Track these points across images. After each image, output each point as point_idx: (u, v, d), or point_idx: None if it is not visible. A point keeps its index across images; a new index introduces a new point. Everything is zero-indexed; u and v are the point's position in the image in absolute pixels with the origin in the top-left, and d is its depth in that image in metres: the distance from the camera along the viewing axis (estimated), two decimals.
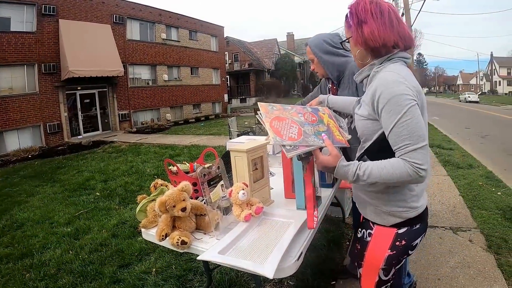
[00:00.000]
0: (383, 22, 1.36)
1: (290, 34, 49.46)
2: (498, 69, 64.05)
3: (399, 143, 1.28)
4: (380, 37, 1.36)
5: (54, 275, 3.39)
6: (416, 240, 1.50)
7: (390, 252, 1.49)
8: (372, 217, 1.55)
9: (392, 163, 1.28)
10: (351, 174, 1.34)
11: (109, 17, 17.69)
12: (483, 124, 15.87)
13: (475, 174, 6.17)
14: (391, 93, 1.29)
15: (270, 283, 2.97)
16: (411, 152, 1.25)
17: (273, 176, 2.46)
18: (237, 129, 9.96)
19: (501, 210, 4.31)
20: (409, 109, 1.26)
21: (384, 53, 1.41)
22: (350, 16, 1.44)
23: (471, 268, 3.06)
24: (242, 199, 1.64)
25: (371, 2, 1.39)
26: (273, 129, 1.37)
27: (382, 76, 1.36)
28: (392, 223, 1.47)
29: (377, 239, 1.54)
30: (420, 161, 1.24)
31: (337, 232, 3.89)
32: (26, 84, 14.08)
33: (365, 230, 1.63)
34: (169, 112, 22.08)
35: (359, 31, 1.40)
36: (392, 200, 1.44)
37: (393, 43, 1.38)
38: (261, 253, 1.41)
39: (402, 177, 1.25)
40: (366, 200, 1.56)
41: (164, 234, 1.57)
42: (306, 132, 1.43)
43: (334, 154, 1.38)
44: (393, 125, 1.28)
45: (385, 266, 1.53)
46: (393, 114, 1.28)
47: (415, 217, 1.46)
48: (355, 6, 1.42)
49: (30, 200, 6.28)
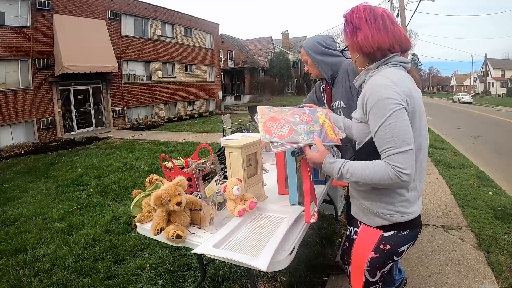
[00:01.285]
0: (377, 27, 1.40)
1: (285, 32, 49.40)
2: (492, 70, 64.43)
3: (382, 146, 1.31)
4: (374, 41, 1.39)
5: (48, 270, 3.39)
6: (402, 246, 1.49)
7: (373, 254, 1.49)
8: (360, 215, 1.57)
9: (374, 165, 1.31)
10: (335, 171, 1.40)
11: (104, 13, 17.57)
12: (476, 125, 16.00)
13: (467, 174, 6.24)
14: (377, 96, 1.32)
15: (263, 278, 2.99)
16: (393, 155, 1.27)
17: (267, 173, 2.49)
18: (231, 126, 9.96)
19: (492, 209, 4.36)
20: (394, 113, 1.28)
21: (380, 57, 1.43)
22: (346, 24, 1.48)
23: (461, 266, 3.10)
24: (236, 194, 1.67)
25: (365, 8, 1.44)
26: (265, 128, 1.47)
27: (372, 80, 1.39)
28: (378, 225, 1.48)
29: (362, 239, 1.56)
30: (402, 165, 1.25)
31: (330, 229, 3.93)
32: (20, 79, 13.96)
33: (352, 228, 1.68)
34: (163, 109, 22.02)
35: (354, 38, 1.44)
36: (380, 202, 1.45)
37: (388, 46, 1.40)
38: (254, 247, 1.44)
39: (383, 180, 1.28)
40: (356, 198, 1.58)
41: (159, 228, 1.59)
42: (298, 131, 1.50)
43: (322, 151, 1.46)
44: (378, 128, 1.31)
45: (368, 267, 1.53)
46: (378, 117, 1.31)
47: (403, 223, 1.45)
48: (350, 14, 1.47)
49: (24, 196, 6.25)
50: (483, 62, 68.83)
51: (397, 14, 19.42)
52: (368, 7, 1.44)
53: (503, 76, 62.91)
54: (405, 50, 1.47)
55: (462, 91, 66.92)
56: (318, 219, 1.73)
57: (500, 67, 63.87)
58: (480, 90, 68.18)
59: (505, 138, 11.53)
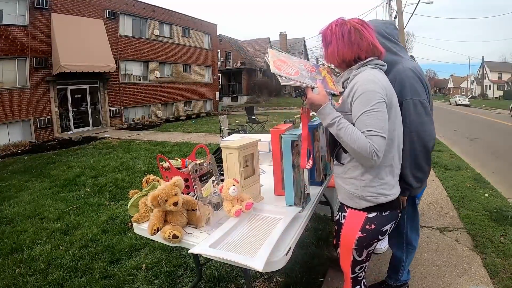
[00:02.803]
0: (343, 42, 1.63)
1: (283, 33, 49.36)
2: (489, 73, 64.66)
3: (363, 128, 1.49)
4: (339, 55, 1.65)
5: (44, 270, 3.38)
6: (385, 226, 1.71)
7: (360, 234, 1.69)
8: (346, 201, 1.75)
9: (361, 134, 1.49)
10: (330, 117, 1.57)
11: (102, 12, 17.57)
12: (473, 127, 16.05)
13: (463, 176, 6.26)
14: (364, 89, 1.53)
15: (259, 279, 3.00)
16: (373, 136, 1.47)
17: (264, 174, 2.49)
18: (228, 127, 9.96)
19: (488, 211, 4.38)
20: (376, 103, 1.50)
21: (346, 66, 1.70)
22: (322, 39, 1.73)
23: (457, 267, 3.12)
24: (232, 195, 1.67)
25: (337, 25, 1.65)
26: (275, 65, 1.64)
27: (360, 76, 1.59)
28: (363, 207, 1.67)
29: (349, 221, 1.75)
30: (378, 146, 1.46)
31: (326, 230, 3.93)
32: (17, 78, 13.95)
33: (340, 213, 1.88)
34: (160, 109, 22.02)
35: (325, 52, 1.72)
36: (364, 186, 1.64)
37: (353, 57, 1.65)
38: (251, 247, 1.45)
39: (361, 148, 1.46)
40: (342, 186, 1.75)
41: (156, 228, 1.60)
42: (303, 74, 1.67)
43: (323, 94, 1.62)
44: (360, 113, 1.51)
45: (356, 247, 1.73)
46: (362, 105, 1.51)
47: (384, 204, 1.65)
48: (324, 31, 1.70)
49: (20, 195, 6.24)
50: (480, 65, 68.97)
51: (394, 17, 19.51)
52: (340, 23, 1.65)
53: (500, 78, 63.11)
54: (377, 56, 1.68)
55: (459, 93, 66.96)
56: (313, 219, 1.80)
57: (497, 69, 64.07)
58: (477, 92, 68.33)
59: (502, 140, 11.57)
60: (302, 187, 1.85)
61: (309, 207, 1.91)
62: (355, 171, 1.65)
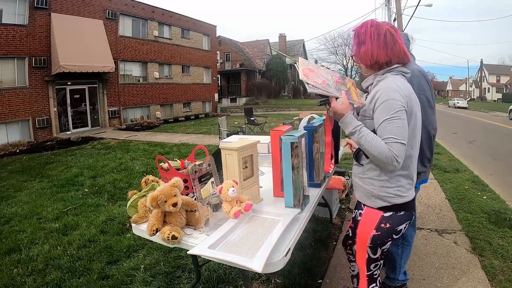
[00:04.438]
0: (378, 44, 1.67)
1: (283, 35, 49.41)
2: (487, 76, 64.78)
3: (384, 135, 1.57)
4: (373, 56, 1.68)
5: (42, 270, 3.37)
6: (400, 225, 1.76)
7: (375, 232, 1.76)
8: (364, 199, 1.82)
9: (381, 141, 1.56)
10: (351, 126, 1.67)
11: (102, 13, 17.56)
12: (471, 130, 16.09)
13: (461, 178, 6.27)
14: (386, 97, 1.59)
15: (258, 280, 3.00)
16: (393, 143, 1.54)
17: (263, 175, 2.49)
18: (227, 128, 9.96)
19: (486, 214, 4.39)
20: (397, 112, 1.56)
21: (378, 68, 1.73)
22: (354, 37, 1.77)
23: (455, 269, 3.12)
24: (231, 196, 1.67)
25: (372, 25, 1.70)
26: (304, 73, 1.76)
27: (383, 83, 1.66)
28: (379, 206, 1.74)
29: (365, 219, 1.82)
30: (397, 153, 1.53)
31: (325, 232, 3.94)
32: (16, 78, 13.92)
33: (357, 210, 1.92)
34: (159, 110, 22.01)
35: (357, 50, 1.75)
36: (381, 186, 1.71)
37: (385, 61, 1.68)
38: (249, 248, 1.45)
39: (380, 155, 1.55)
40: (360, 185, 1.83)
41: (155, 229, 1.60)
42: (329, 84, 1.77)
43: (346, 103, 1.73)
44: (383, 120, 1.58)
45: (371, 244, 1.80)
46: (384, 113, 1.58)
47: (400, 204, 1.72)
48: (358, 29, 1.75)
49: (18, 195, 6.22)
50: (479, 68, 69.07)
51: (394, 19, 19.54)
52: (375, 24, 1.70)
53: (499, 81, 63.26)
54: (404, 64, 1.75)
55: (457, 96, 67.25)
56: (312, 221, 1.84)
57: (496, 72, 64.22)
58: (476, 95, 68.41)
59: (500, 143, 11.60)
60: (301, 188, 1.85)
61: (308, 208, 1.91)
62: (373, 171, 1.74)
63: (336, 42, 53.17)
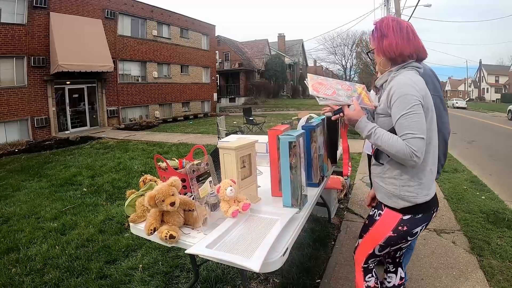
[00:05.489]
0: (402, 37, 1.68)
1: (282, 35, 49.40)
2: (486, 76, 64.86)
3: (402, 131, 1.57)
4: (398, 48, 1.68)
5: (41, 270, 3.37)
6: (416, 228, 1.76)
7: (392, 233, 1.77)
8: (385, 200, 1.81)
9: (397, 138, 1.58)
10: (367, 130, 1.69)
11: (101, 12, 17.53)
12: (470, 130, 16.10)
13: (460, 178, 6.28)
14: (401, 92, 1.60)
15: (256, 280, 3.00)
16: (410, 139, 1.54)
17: (261, 175, 2.49)
18: (225, 128, 9.96)
19: (485, 214, 4.40)
20: (413, 106, 1.56)
21: (400, 62, 1.71)
22: (375, 31, 1.77)
23: (454, 269, 3.13)
24: (229, 196, 1.67)
25: (393, 20, 1.73)
26: (313, 87, 1.82)
27: (397, 79, 1.67)
28: (402, 206, 1.72)
29: (384, 219, 1.82)
30: (416, 148, 1.52)
31: (323, 231, 3.94)
32: (15, 77, 13.89)
33: (377, 210, 1.92)
34: (158, 110, 21.99)
35: (380, 43, 1.74)
36: (403, 185, 1.70)
37: (409, 54, 1.69)
38: (247, 248, 1.44)
39: (399, 152, 1.55)
40: (381, 186, 1.82)
41: (152, 228, 1.60)
42: (339, 94, 1.83)
43: (358, 109, 1.75)
44: (399, 116, 1.59)
45: (383, 243, 1.82)
46: (400, 108, 1.59)
47: (420, 205, 1.71)
48: (379, 23, 1.76)
49: (16, 194, 6.21)
50: (477, 68, 69.18)
51: None
52: (395, 19, 1.73)
53: (498, 82, 63.37)
54: (421, 59, 1.76)
55: (456, 96, 67.18)
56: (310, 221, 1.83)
57: (495, 73, 64.34)
58: (475, 95, 68.54)
59: (499, 143, 11.62)
60: (299, 188, 1.84)
61: (306, 208, 1.91)
62: (394, 170, 1.73)
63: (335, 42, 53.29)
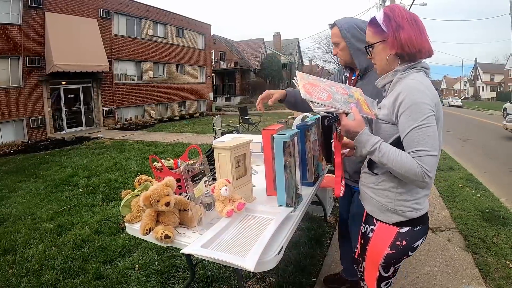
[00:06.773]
0: (418, 30, 1.43)
1: (277, 34, 49.33)
2: (481, 74, 65.12)
3: (413, 147, 1.35)
4: (418, 43, 1.42)
5: (37, 271, 3.36)
6: (417, 241, 1.56)
7: (389, 250, 1.55)
8: (376, 213, 1.61)
9: (407, 157, 1.34)
10: (370, 144, 1.41)
11: (96, 12, 17.47)
12: (465, 128, 16.18)
13: (455, 176, 6.31)
14: (413, 100, 1.35)
15: (252, 279, 3.01)
16: (423, 157, 1.32)
17: (256, 174, 2.50)
18: (221, 127, 9.96)
19: (480, 212, 4.42)
20: (427, 118, 1.33)
21: (408, 60, 1.47)
22: (386, 21, 1.46)
23: (449, 267, 3.15)
24: (224, 195, 1.67)
25: (405, 9, 1.46)
26: (305, 90, 1.48)
27: (407, 83, 1.42)
28: (395, 221, 1.53)
29: (378, 236, 1.61)
30: (429, 167, 1.31)
31: (319, 230, 3.95)
32: (10, 77, 13.82)
33: (368, 226, 1.70)
34: (154, 109, 21.95)
35: (396, 36, 1.43)
36: (398, 199, 1.51)
37: (426, 51, 1.45)
38: (242, 247, 1.45)
39: (409, 172, 1.32)
40: (373, 197, 1.62)
41: (148, 228, 1.60)
42: (335, 98, 1.50)
43: (358, 119, 1.45)
44: (411, 129, 1.35)
45: (383, 263, 1.59)
46: (411, 119, 1.35)
47: (416, 218, 1.52)
48: (392, 11, 1.46)
49: (12, 195, 6.19)
50: (473, 67, 69.53)
51: None
52: (405, 9, 1.47)
53: (493, 80, 63.60)
54: (429, 57, 1.51)
55: (452, 94, 67.49)
56: (306, 220, 1.78)
57: (490, 71, 64.59)
58: (470, 94, 68.82)
59: (494, 141, 11.67)
60: (294, 187, 1.85)
61: (301, 207, 1.91)
62: (389, 183, 1.52)
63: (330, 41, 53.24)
